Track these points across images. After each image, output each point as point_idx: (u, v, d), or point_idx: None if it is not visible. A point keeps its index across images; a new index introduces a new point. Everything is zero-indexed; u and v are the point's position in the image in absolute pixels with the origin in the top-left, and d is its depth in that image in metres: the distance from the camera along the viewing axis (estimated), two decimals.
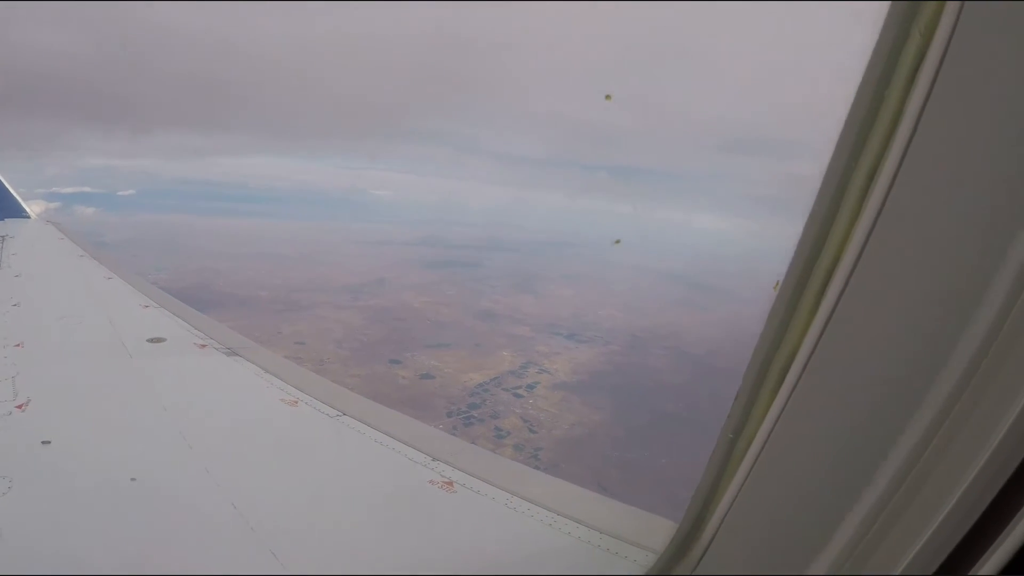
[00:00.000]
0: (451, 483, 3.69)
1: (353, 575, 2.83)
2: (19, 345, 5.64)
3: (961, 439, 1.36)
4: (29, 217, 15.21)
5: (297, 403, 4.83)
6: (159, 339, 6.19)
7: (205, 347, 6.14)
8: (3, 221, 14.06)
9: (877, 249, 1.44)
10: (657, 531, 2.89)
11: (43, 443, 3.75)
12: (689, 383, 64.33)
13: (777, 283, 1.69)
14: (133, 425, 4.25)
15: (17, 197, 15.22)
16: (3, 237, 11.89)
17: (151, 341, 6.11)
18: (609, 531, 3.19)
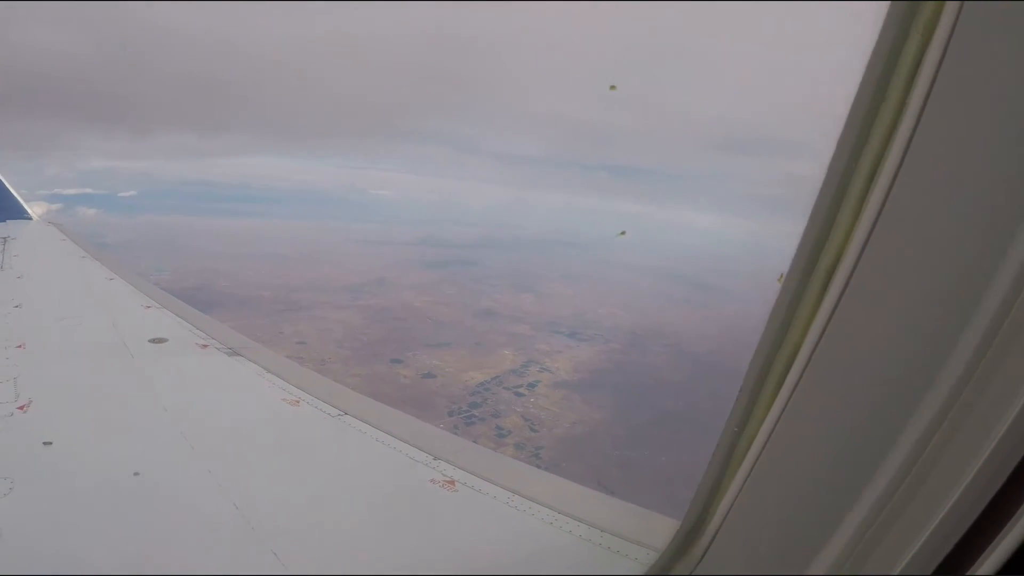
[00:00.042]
0: (452, 482, 3.69)
1: (355, 575, 2.83)
2: (21, 346, 5.65)
3: (960, 439, 1.36)
4: (31, 218, 15.20)
5: (299, 403, 4.83)
6: (161, 339, 6.19)
7: (207, 347, 6.14)
8: (5, 223, 14.04)
9: (878, 248, 1.45)
10: (658, 529, 2.89)
11: (45, 444, 3.75)
12: (689, 381, 64.34)
13: (781, 275, 1.69)
14: (135, 425, 4.25)
15: (19, 198, 15.23)
16: (5, 238, 11.89)
17: (153, 341, 6.12)
18: (610, 529, 3.19)
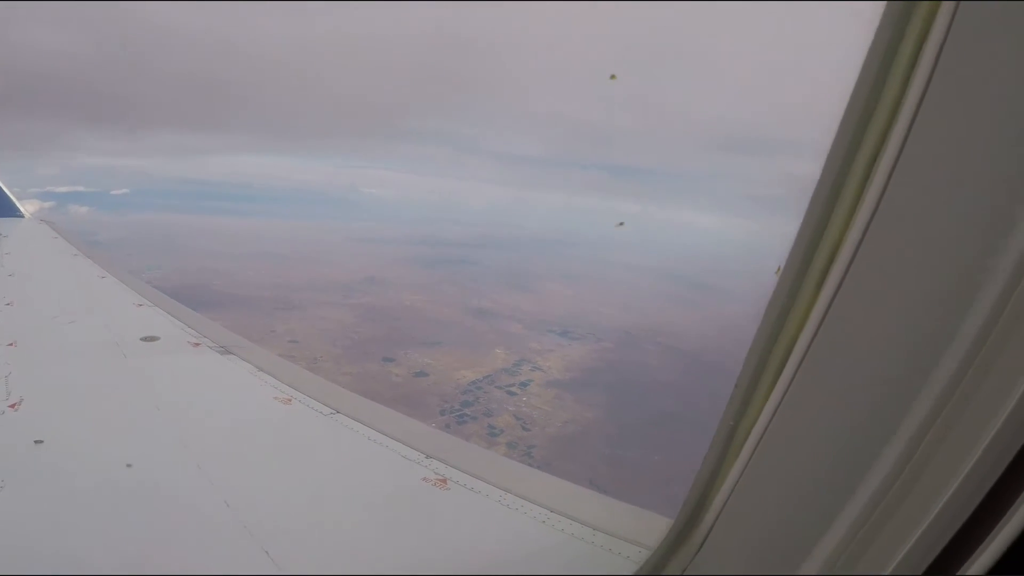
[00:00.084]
0: (445, 480, 3.69)
1: (347, 574, 2.83)
2: (12, 344, 5.62)
3: (953, 438, 1.37)
4: (23, 216, 15.16)
5: (291, 401, 4.82)
6: (152, 338, 6.16)
7: (199, 345, 6.12)
8: None
9: (874, 244, 1.45)
10: (651, 528, 2.89)
11: (36, 442, 3.74)
12: (682, 380, 64.56)
13: (779, 268, 1.69)
14: (126, 424, 4.23)
15: (11, 196, 15.19)
16: None
17: (144, 340, 6.09)
18: (603, 528, 3.19)
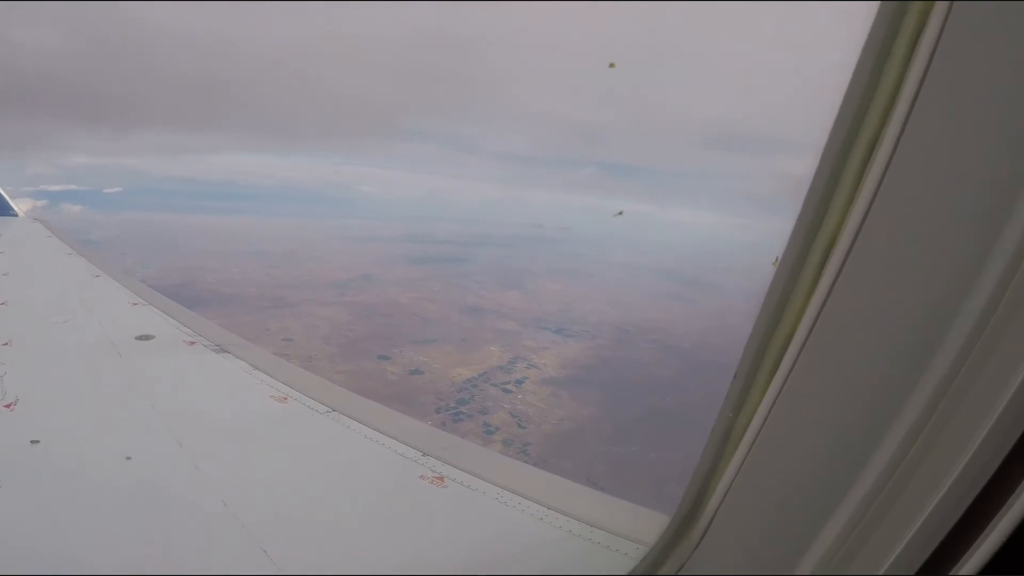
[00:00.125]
0: (442, 478, 3.69)
1: (345, 573, 2.83)
2: (7, 344, 5.60)
3: (946, 437, 1.38)
4: (16, 215, 15.07)
5: (287, 400, 4.81)
6: (147, 336, 6.14)
7: (194, 344, 6.10)
8: None
9: (868, 242, 1.46)
10: (648, 524, 2.90)
11: (32, 442, 3.73)
12: (678, 377, 64.66)
13: (776, 259, 1.69)
14: (122, 423, 4.22)
15: (4, 195, 15.10)
16: None
17: (139, 338, 6.07)
18: (600, 524, 3.20)
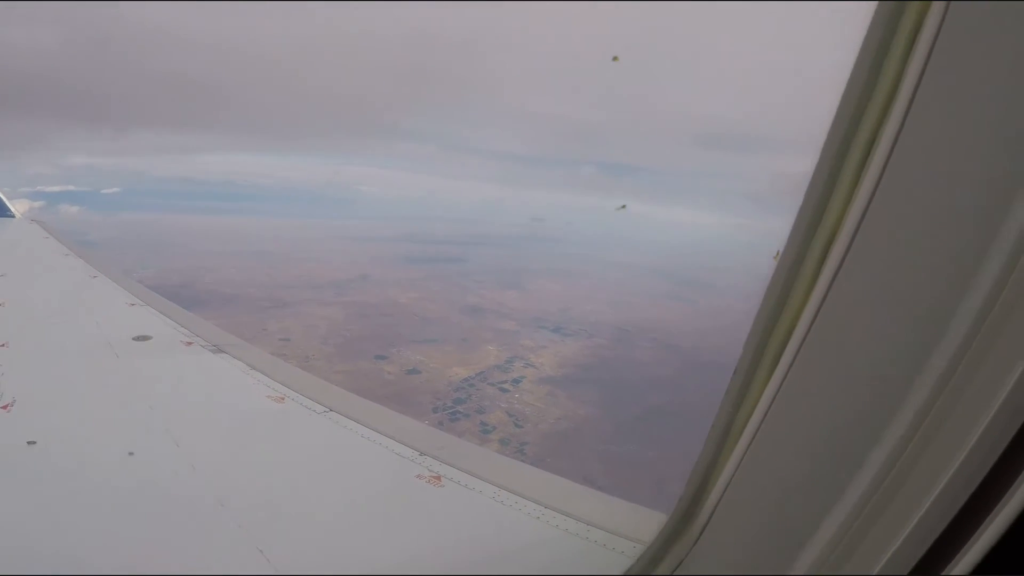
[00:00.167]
0: (439, 477, 3.69)
1: (342, 573, 2.83)
2: (4, 345, 5.59)
3: (941, 437, 1.38)
4: (14, 216, 15.04)
5: (284, 399, 4.81)
6: (145, 337, 6.14)
7: (191, 345, 6.09)
8: None
9: (867, 241, 1.46)
10: (646, 523, 2.90)
11: (29, 443, 3.72)
12: (676, 376, 64.68)
13: (777, 253, 1.69)
14: (119, 424, 4.22)
15: (1, 196, 15.07)
16: None
17: (137, 339, 6.06)
18: (598, 523, 3.20)
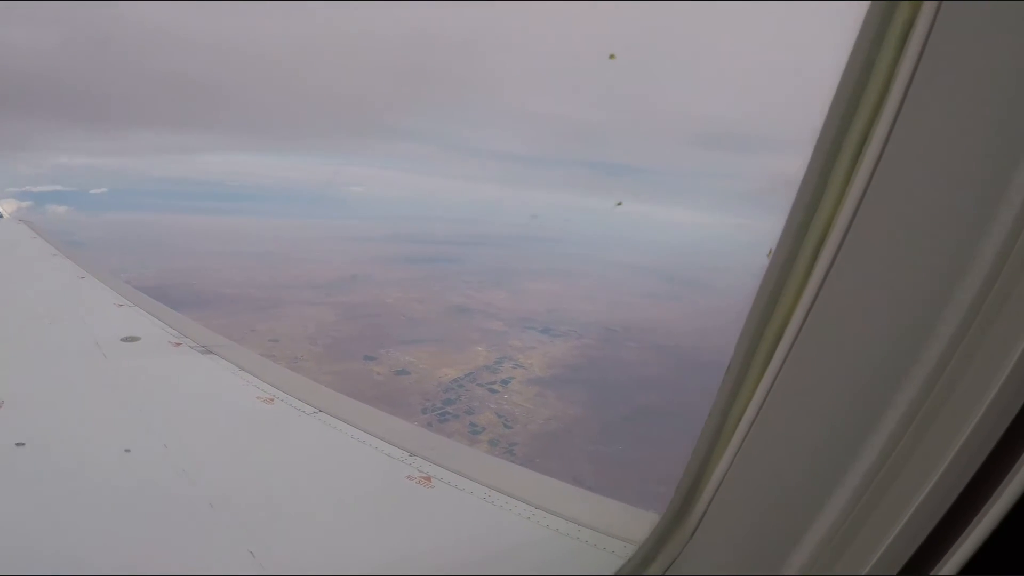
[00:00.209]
0: (429, 478, 3.69)
1: (332, 574, 2.82)
2: None
3: (929, 438, 1.39)
4: (1, 216, 14.97)
5: (273, 400, 4.80)
6: (133, 338, 6.10)
7: (180, 345, 6.06)
8: None
9: (858, 240, 1.46)
10: (636, 523, 2.92)
11: (17, 445, 3.70)
12: (663, 375, 64.89)
13: (770, 251, 1.68)
14: (107, 425, 4.19)
15: None
16: None
17: (125, 340, 6.02)
18: (588, 523, 3.21)
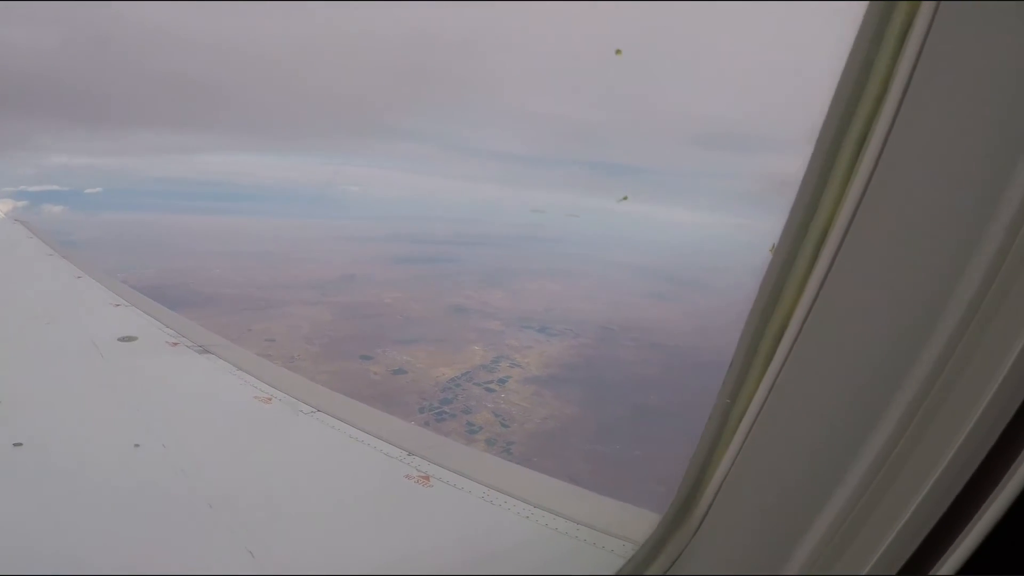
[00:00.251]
0: (427, 477, 3.70)
1: (332, 573, 2.82)
2: None
3: (928, 439, 1.39)
4: None
5: (271, 400, 4.80)
6: (130, 338, 6.08)
7: (177, 345, 6.05)
8: None
9: (858, 239, 1.47)
10: (634, 522, 2.92)
11: (15, 445, 3.69)
12: (660, 375, 64.86)
13: (773, 246, 1.68)
14: (105, 425, 4.19)
15: None
16: None
17: (122, 340, 6.01)
18: (587, 522, 3.22)
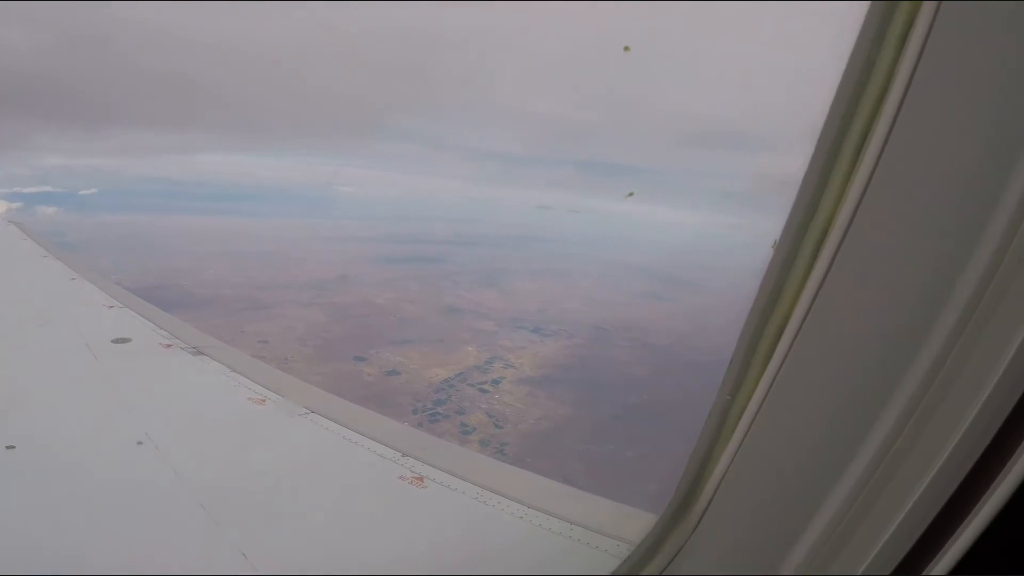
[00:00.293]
0: (421, 478, 3.70)
1: (325, 574, 2.83)
2: None
3: (924, 439, 1.40)
4: None
5: (265, 401, 4.80)
6: (124, 339, 6.07)
7: (171, 347, 6.03)
8: None
9: (859, 238, 1.47)
10: (629, 522, 2.93)
11: (8, 448, 3.69)
12: (654, 375, 64.92)
13: (774, 242, 1.68)
14: (99, 427, 4.18)
15: None
16: None
17: (116, 341, 5.99)
18: (581, 523, 3.22)
